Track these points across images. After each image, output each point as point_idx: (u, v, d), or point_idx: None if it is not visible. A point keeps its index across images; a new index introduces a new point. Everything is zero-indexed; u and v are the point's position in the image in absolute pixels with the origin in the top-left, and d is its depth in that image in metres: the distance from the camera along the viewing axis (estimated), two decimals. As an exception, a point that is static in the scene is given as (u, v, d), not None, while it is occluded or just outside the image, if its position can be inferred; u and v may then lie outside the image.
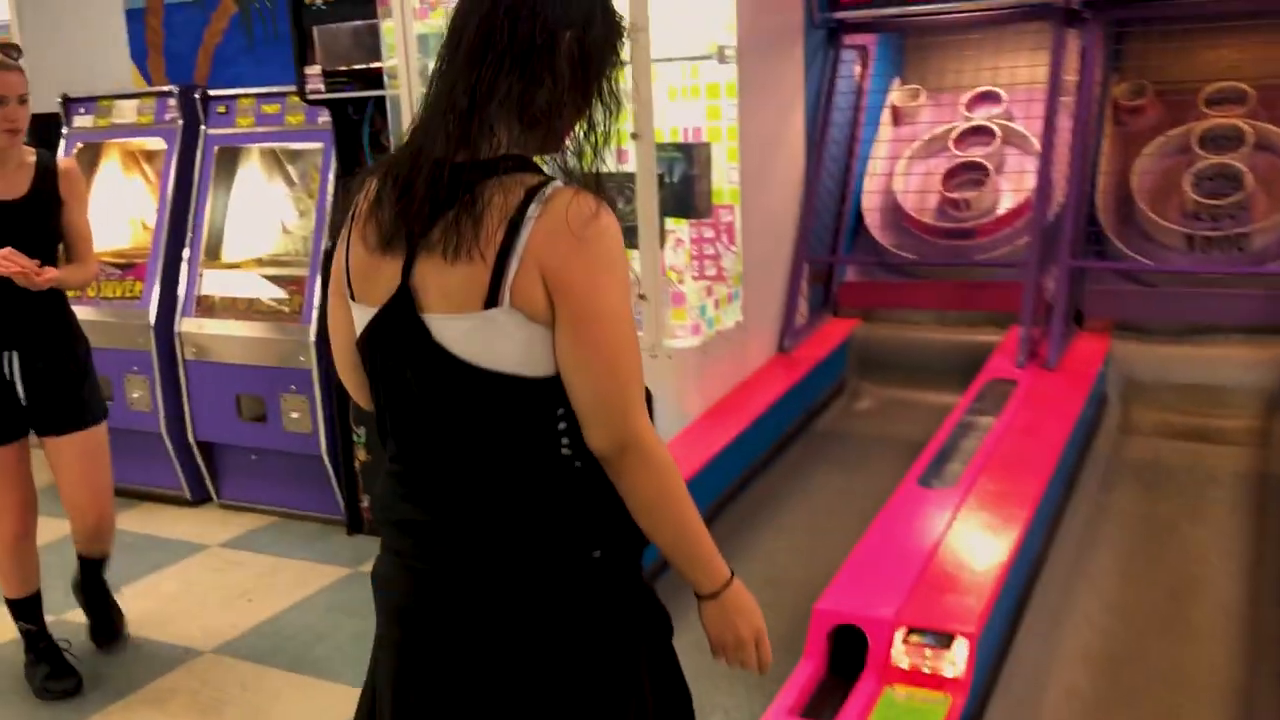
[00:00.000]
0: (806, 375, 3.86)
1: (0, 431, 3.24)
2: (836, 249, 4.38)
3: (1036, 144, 4.00)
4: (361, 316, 1.63)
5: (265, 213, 5.06)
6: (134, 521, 4.88)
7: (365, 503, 4.59)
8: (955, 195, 4.24)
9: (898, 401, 4.00)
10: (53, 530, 3.95)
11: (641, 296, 3.39)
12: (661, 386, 3.41)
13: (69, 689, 3.40)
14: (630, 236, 3.82)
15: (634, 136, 3.32)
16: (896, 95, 4.65)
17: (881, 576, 2.40)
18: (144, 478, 5.11)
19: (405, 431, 1.64)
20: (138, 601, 4.09)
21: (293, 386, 4.57)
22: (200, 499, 5.06)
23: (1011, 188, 4.17)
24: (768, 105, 3.86)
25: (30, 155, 3.24)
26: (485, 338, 1.51)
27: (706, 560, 1.64)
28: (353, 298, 1.64)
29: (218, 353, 4.74)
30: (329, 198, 4.56)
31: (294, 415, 4.60)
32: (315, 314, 4.49)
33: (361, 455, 4.53)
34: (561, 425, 1.55)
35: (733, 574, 1.67)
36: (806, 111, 4.17)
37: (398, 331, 1.57)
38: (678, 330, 3.42)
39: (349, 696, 2.35)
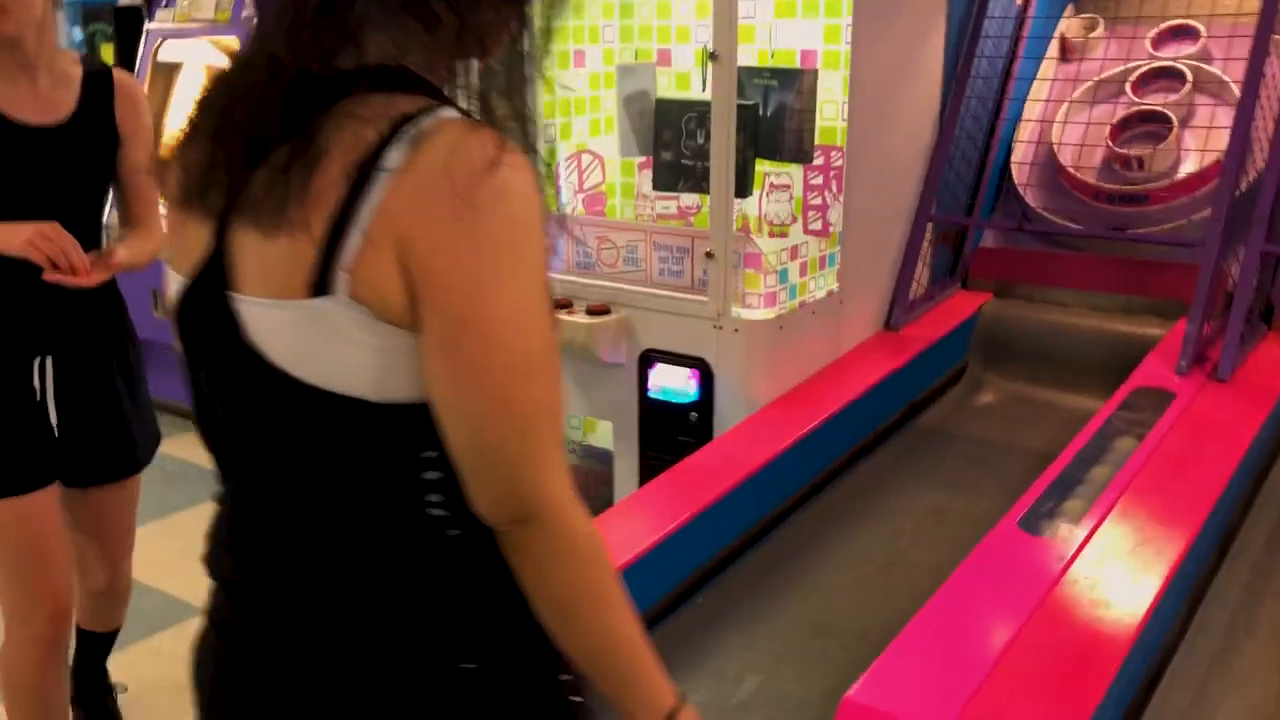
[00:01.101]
0: (916, 358, 3.21)
1: (26, 472, 2.12)
2: (973, 208, 3.66)
3: (1236, 92, 3.19)
4: (174, 289, 1.12)
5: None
6: (180, 447, 4.60)
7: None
8: (1127, 151, 3.46)
9: (1027, 400, 3.30)
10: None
11: (709, 254, 2.80)
12: (727, 366, 2.83)
13: None
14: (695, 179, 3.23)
15: (713, 57, 2.71)
16: (1068, 25, 3.85)
17: (943, 661, 1.79)
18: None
19: (221, 456, 1.15)
20: (168, 540, 3.79)
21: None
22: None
23: (1198, 146, 3.37)
24: (893, 27, 3.16)
25: (76, 65, 2.16)
26: (311, 339, 0.99)
27: (640, 684, 1.09)
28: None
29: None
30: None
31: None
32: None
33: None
34: (430, 474, 1.03)
35: (682, 701, 1.13)
36: (948, 38, 3.44)
37: (202, 319, 1.06)
38: (750, 298, 2.82)
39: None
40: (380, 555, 1.06)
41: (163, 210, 2.09)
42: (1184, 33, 3.62)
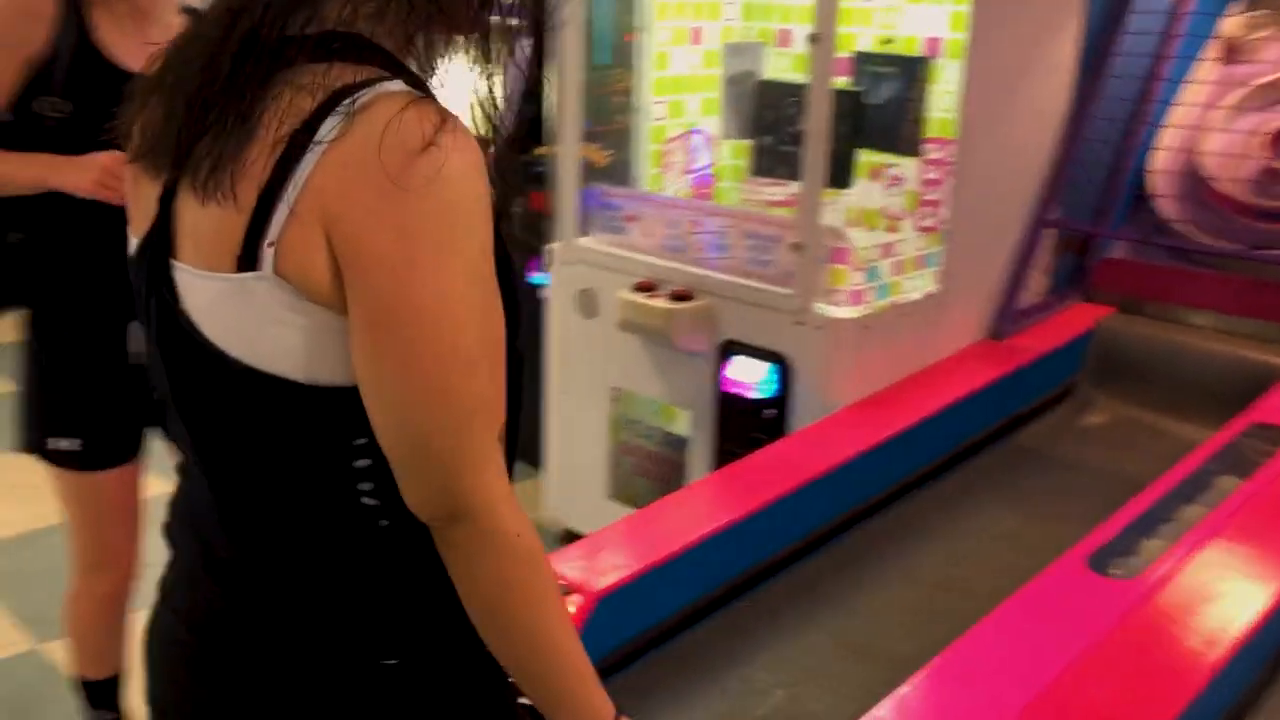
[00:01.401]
0: (1019, 370, 3.02)
1: (124, 439, 2.14)
2: (1102, 215, 3.42)
3: None
4: (131, 250, 1.11)
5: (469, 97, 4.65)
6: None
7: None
8: (1281, 165, 3.17)
9: (1138, 425, 3.07)
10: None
11: (795, 246, 2.68)
12: (807, 363, 2.72)
13: None
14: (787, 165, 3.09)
15: (812, 39, 2.58)
16: (1231, 23, 3.55)
17: (970, 700, 1.66)
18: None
19: (170, 426, 1.13)
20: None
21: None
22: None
23: (1363, 164, 3.07)
24: (1020, 16, 2.97)
25: (178, 16, 2.09)
26: (238, 315, 0.97)
27: (572, 696, 1.04)
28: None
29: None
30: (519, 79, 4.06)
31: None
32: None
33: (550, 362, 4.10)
34: (361, 462, 0.99)
35: (617, 716, 1.06)
36: (1088, 30, 3.21)
37: (146, 283, 1.04)
38: (836, 295, 2.69)
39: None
40: (306, 541, 1.02)
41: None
42: (1361, 37, 3.29)
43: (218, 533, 1.05)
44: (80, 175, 1.89)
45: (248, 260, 0.93)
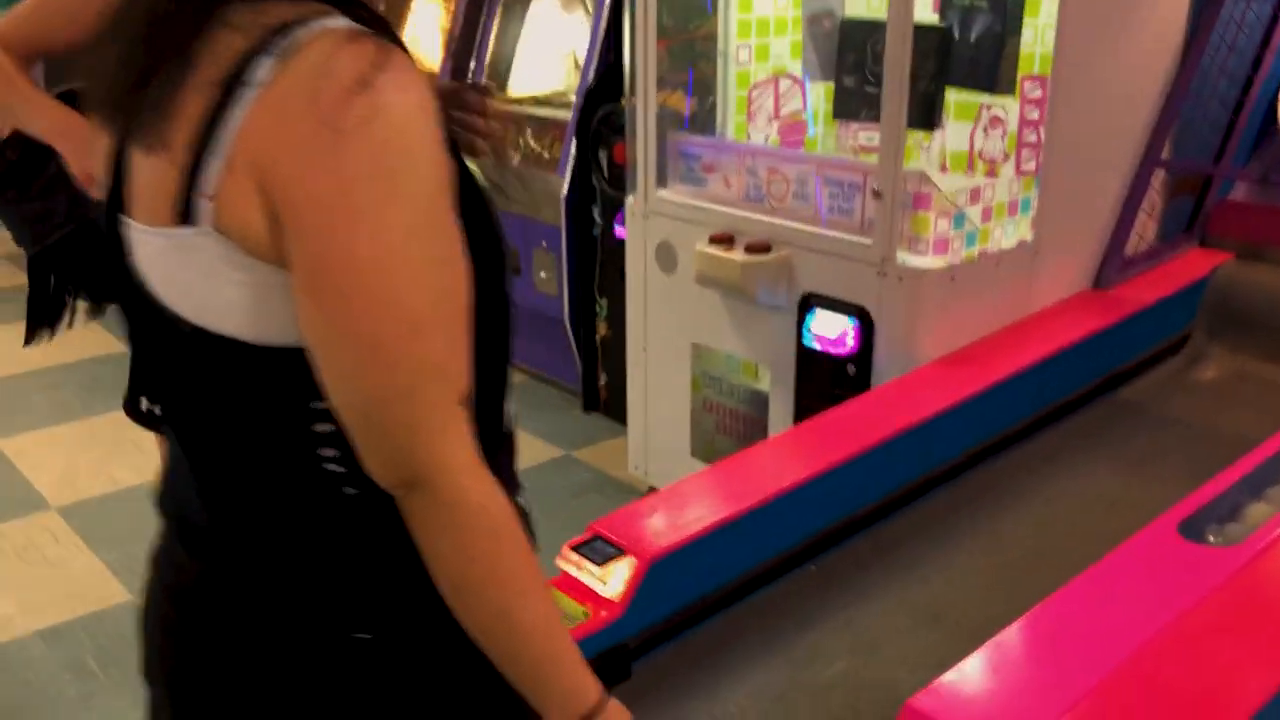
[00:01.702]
0: (1125, 321, 2.82)
1: None
2: (1223, 155, 3.17)
3: None
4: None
5: (556, 44, 4.57)
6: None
7: (603, 380, 4.15)
8: None
9: (1255, 381, 2.85)
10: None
11: (875, 193, 2.54)
12: (889, 316, 2.58)
13: None
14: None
15: (892, -29, 2.43)
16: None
17: (1033, 679, 1.54)
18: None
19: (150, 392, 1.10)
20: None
21: (543, 242, 4.14)
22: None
23: None
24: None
25: None
26: (183, 272, 0.92)
27: (550, 679, 0.98)
28: None
29: (482, 194, 4.40)
30: (602, 24, 3.97)
31: (542, 275, 4.19)
32: (570, 164, 3.98)
33: (603, 329, 4.05)
34: (322, 427, 0.94)
35: (604, 700, 0.99)
36: (1205, -45, 2.96)
37: (106, 241, 1.01)
38: (919, 243, 2.54)
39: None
40: (273, 510, 0.98)
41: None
42: None
43: (192, 502, 1.01)
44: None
45: (187, 214, 0.88)
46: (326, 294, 0.86)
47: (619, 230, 3.65)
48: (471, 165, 0.97)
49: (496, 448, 1.01)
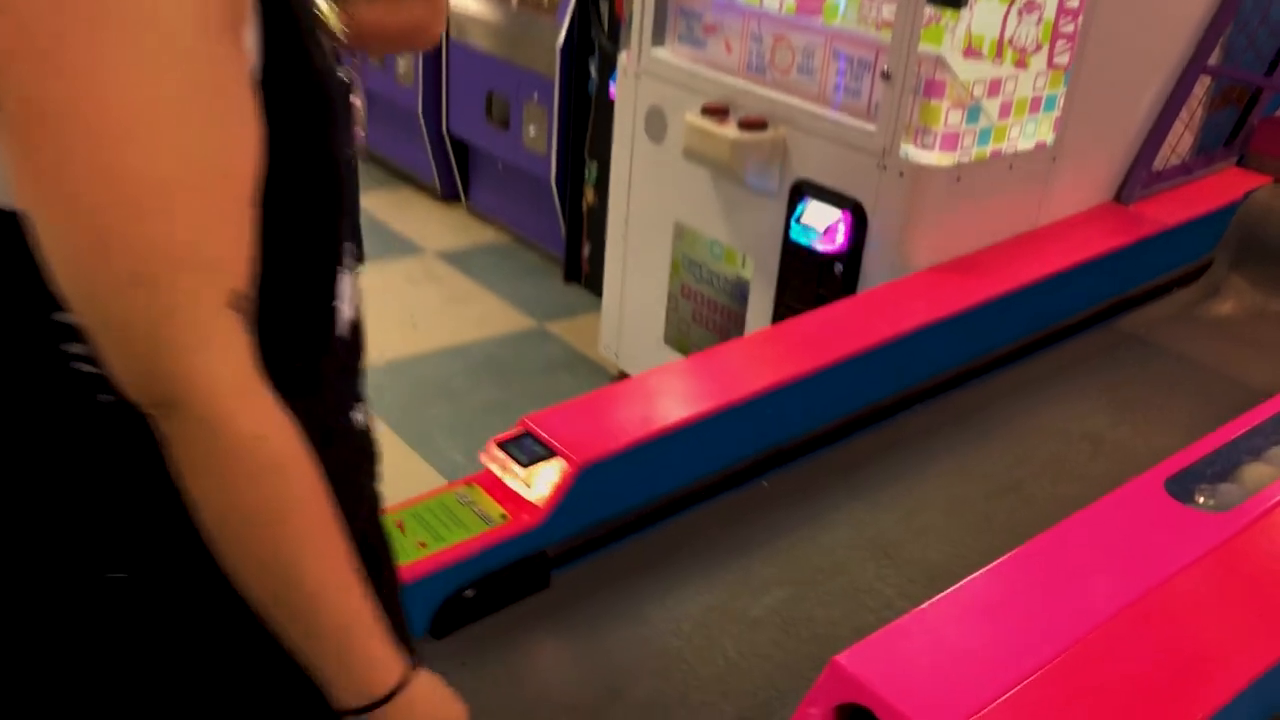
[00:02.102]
0: (1144, 242, 2.59)
1: None
2: (1278, 66, 2.88)
3: None
4: None
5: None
6: (379, 205, 4.53)
7: (587, 250, 3.92)
8: None
9: (1274, 320, 2.63)
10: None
11: (884, 75, 2.28)
12: (885, 214, 2.35)
13: None
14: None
15: None
16: None
17: (984, 643, 1.38)
18: (407, 160, 4.74)
19: None
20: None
21: (535, 95, 3.87)
22: (450, 197, 4.62)
23: None
24: None
25: None
26: None
27: (336, 652, 0.80)
28: None
29: (475, 36, 4.10)
30: None
31: (532, 131, 3.92)
32: (569, 13, 3.68)
33: (590, 196, 3.81)
34: (66, 316, 0.73)
35: (408, 677, 0.83)
36: None
37: None
38: (926, 136, 2.29)
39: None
40: (7, 418, 0.78)
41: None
42: None
43: None
44: None
45: None
46: (33, 152, 0.65)
47: (614, 90, 3.39)
48: None
49: (318, 356, 0.81)
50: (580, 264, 3.99)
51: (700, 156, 2.61)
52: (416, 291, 3.84)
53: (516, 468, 1.71)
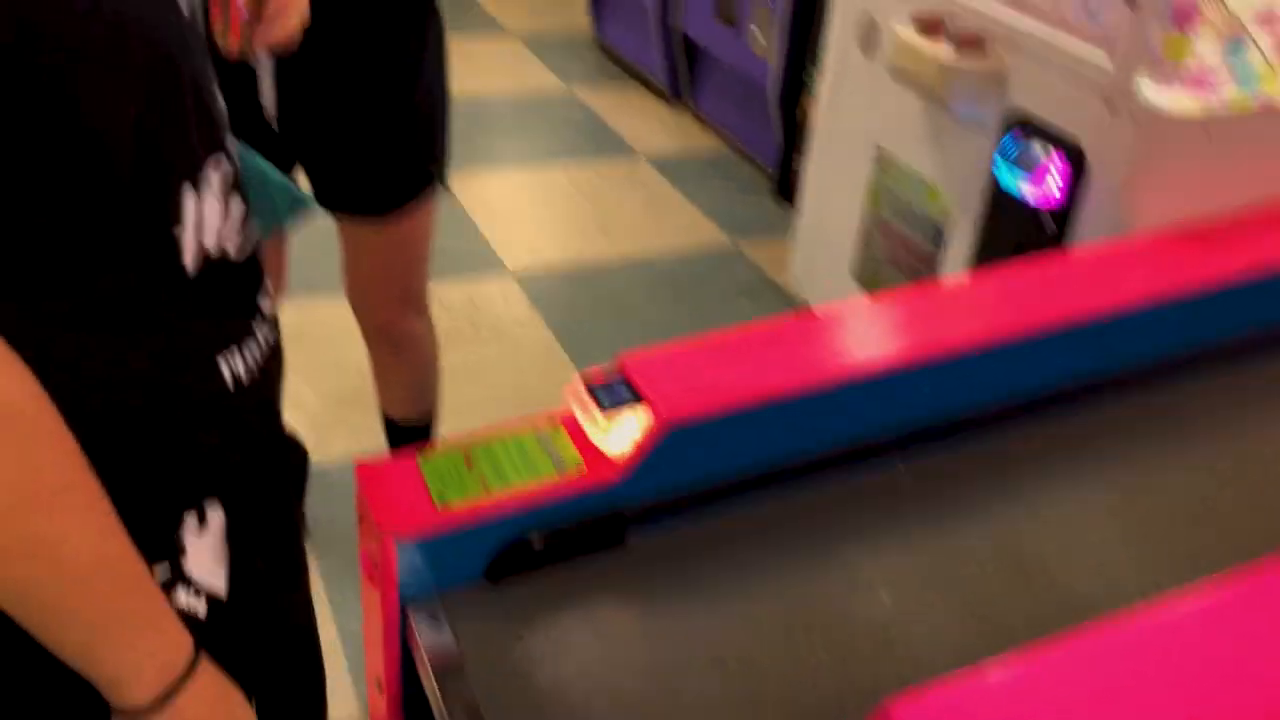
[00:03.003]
0: None
1: None
2: None
3: None
4: None
5: None
6: (602, 101, 4.39)
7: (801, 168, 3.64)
8: None
9: None
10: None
11: (1130, -7, 1.88)
12: (1109, 164, 1.98)
13: None
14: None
15: None
16: None
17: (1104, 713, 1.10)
18: (637, 56, 4.56)
19: None
20: (513, 181, 3.67)
21: (765, -5, 3.58)
22: (676, 98, 4.41)
23: None
24: None
25: None
26: None
27: (89, 641, 0.67)
28: None
29: (712, -73, 3.83)
30: None
31: (756, 32, 3.64)
32: (809, -95, 3.35)
33: (810, 109, 3.51)
34: None
35: (190, 672, 0.69)
36: None
37: None
38: (1175, 76, 1.89)
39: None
40: None
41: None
42: None
43: None
44: None
45: None
46: None
47: None
48: None
49: (137, 286, 0.67)
50: (791, 181, 3.71)
51: (906, 75, 2.29)
52: (616, 196, 3.68)
53: (597, 413, 1.53)
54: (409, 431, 2.09)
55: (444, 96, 1.79)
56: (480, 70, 4.54)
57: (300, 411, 2.56)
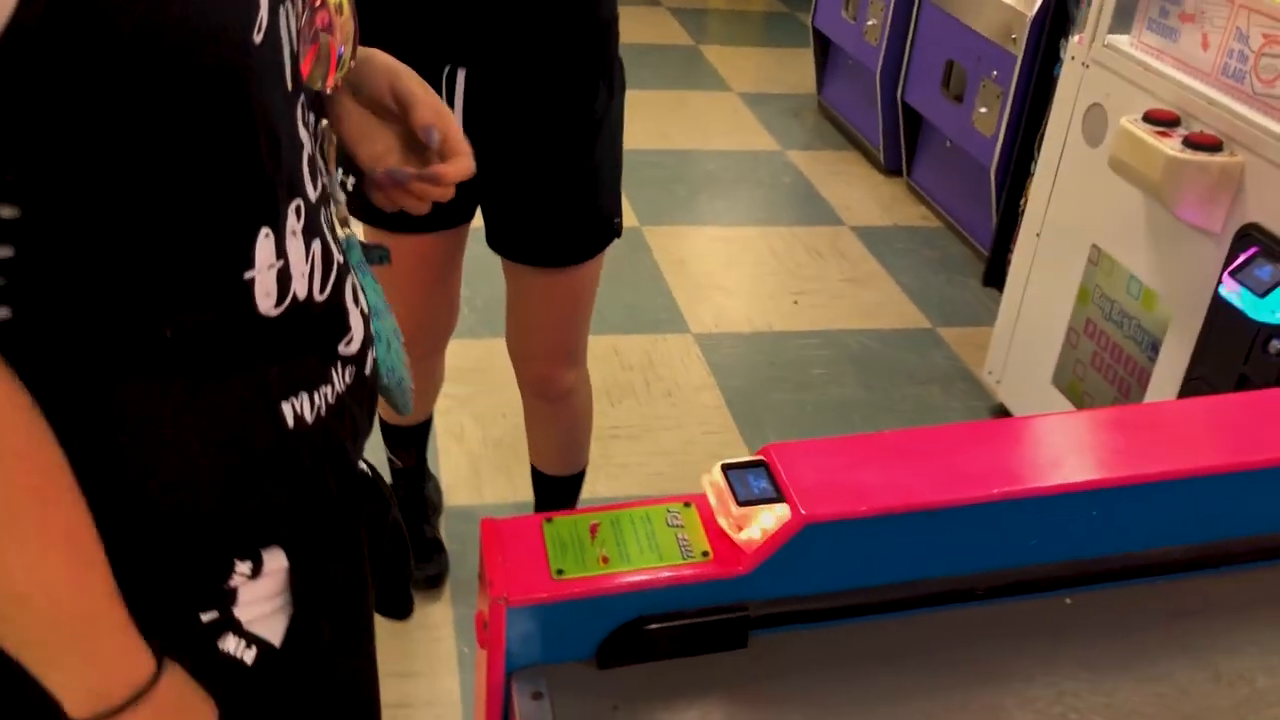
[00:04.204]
0: None
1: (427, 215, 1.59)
2: None
3: None
4: None
5: None
6: (816, 167, 4.30)
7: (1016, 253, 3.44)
8: None
9: None
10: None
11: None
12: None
13: (430, 575, 2.15)
14: None
15: None
16: None
17: None
18: (858, 122, 4.46)
19: None
20: (710, 239, 3.63)
21: (994, 72, 3.42)
22: (893, 169, 4.27)
23: None
24: None
25: None
26: None
27: (63, 654, 0.67)
28: None
29: (948, -1, 3.70)
30: None
31: (983, 110, 3.48)
32: (1051, -18, 3.18)
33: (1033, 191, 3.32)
34: None
35: (152, 683, 0.69)
36: None
37: None
38: None
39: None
40: None
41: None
42: None
43: None
44: None
45: None
46: None
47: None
48: None
49: (208, 329, 0.65)
50: (1004, 268, 3.51)
51: (1129, 170, 2.11)
52: (814, 265, 3.58)
53: (731, 503, 1.44)
54: (557, 483, 2.05)
55: (620, 155, 1.75)
56: (695, 125, 4.54)
57: (461, 448, 2.57)
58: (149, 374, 0.67)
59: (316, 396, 0.76)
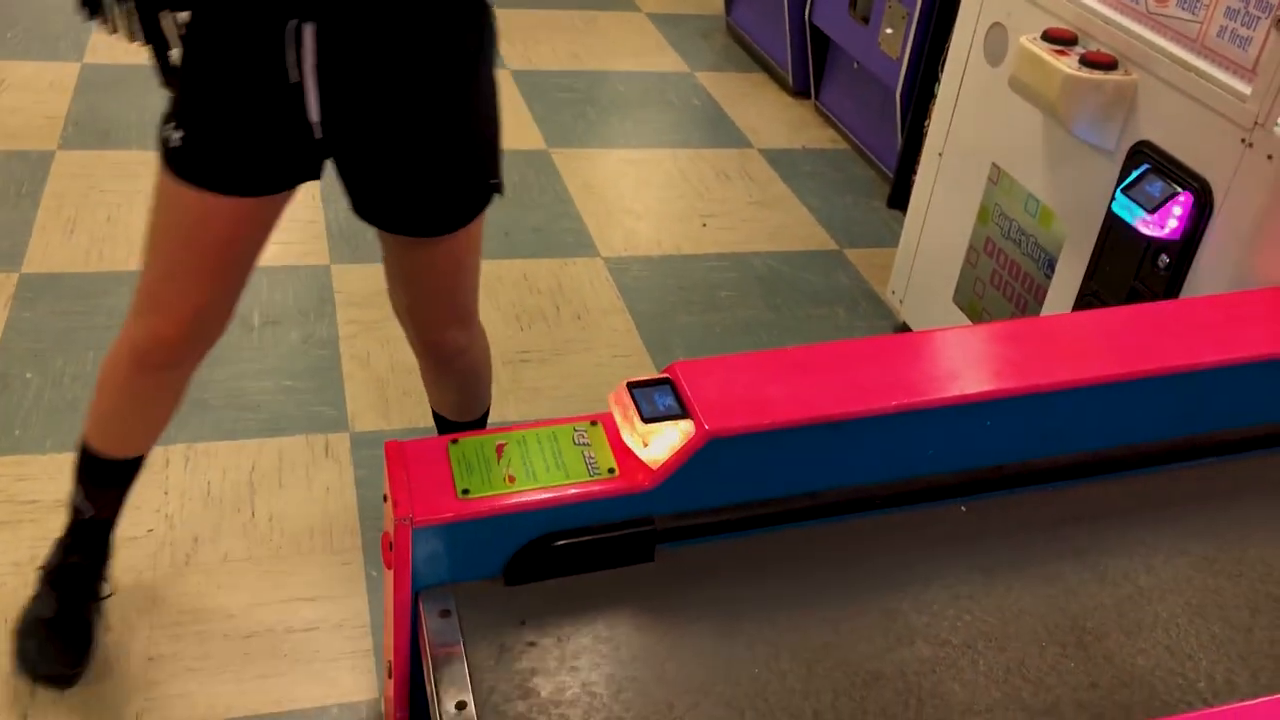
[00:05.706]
0: None
1: (237, 167, 1.53)
2: None
3: None
4: None
5: None
6: (725, 90, 4.28)
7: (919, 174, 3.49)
8: None
9: None
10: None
11: (1279, 23, 1.71)
12: (1239, 205, 1.82)
13: (63, 672, 1.79)
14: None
15: None
16: None
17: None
18: (767, 45, 4.44)
19: None
20: (619, 162, 3.60)
21: (899, -9, 3.42)
22: (801, 91, 4.27)
23: None
24: None
25: None
26: None
27: None
28: None
29: (853, -82, 3.68)
30: None
31: (889, 31, 3.49)
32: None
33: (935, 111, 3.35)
34: None
35: None
36: None
37: None
38: (1323, 112, 1.71)
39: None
40: None
41: None
42: None
43: None
44: None
45: None
46: None
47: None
48: None
49: None
50: (909, 189, 3.56)
51: (1027, 89, 2.14)
52: (723, 188, 3.58)
53: (636, 419, 1.45)
54: (460, 427, 2.02)
55: (497, 109, 1.67)
56: (604, 46, 4.48)
57: (367, 373, 2.54)
58: None
59: None
